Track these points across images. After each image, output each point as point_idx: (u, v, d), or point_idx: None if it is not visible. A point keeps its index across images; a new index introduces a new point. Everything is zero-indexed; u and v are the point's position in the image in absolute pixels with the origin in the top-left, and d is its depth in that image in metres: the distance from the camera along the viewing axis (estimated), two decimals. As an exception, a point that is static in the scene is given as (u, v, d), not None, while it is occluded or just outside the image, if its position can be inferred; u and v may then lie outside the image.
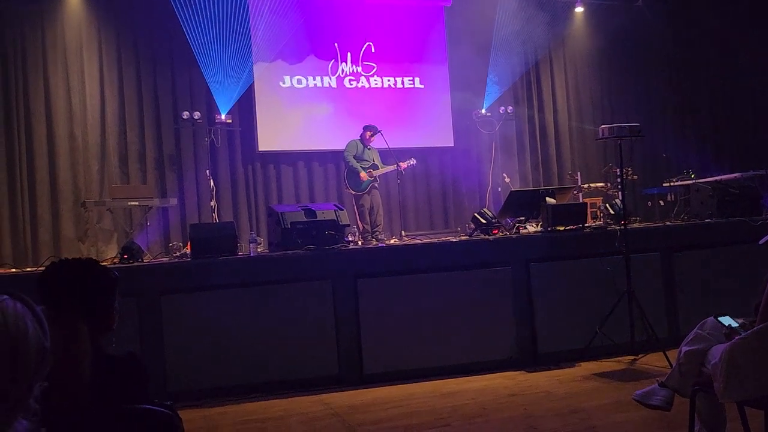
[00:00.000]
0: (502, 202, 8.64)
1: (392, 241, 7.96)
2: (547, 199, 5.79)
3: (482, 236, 5.70)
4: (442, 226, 9.57)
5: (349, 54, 9.35)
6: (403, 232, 8.10)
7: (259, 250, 5.62)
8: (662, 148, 9.86)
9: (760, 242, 3.21)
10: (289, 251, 5.19)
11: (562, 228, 5.63)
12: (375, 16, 9.34)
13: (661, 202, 9.70)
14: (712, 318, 3.17)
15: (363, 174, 7.81)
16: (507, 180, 9.20)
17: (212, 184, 8.16)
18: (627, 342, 5.26)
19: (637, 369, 5.03)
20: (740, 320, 3.09)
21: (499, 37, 9.36)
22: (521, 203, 5.97)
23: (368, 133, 7.96)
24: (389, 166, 8.05)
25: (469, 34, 9.42)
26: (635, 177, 9.13)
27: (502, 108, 9.65)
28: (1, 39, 7.84)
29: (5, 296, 1.07)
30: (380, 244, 5.98)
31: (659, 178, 9.53)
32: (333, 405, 4.53)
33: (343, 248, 5.36)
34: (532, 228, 5.79)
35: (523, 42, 9.62)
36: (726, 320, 3.09)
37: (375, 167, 7.97)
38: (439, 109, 9.66)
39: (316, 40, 9.12)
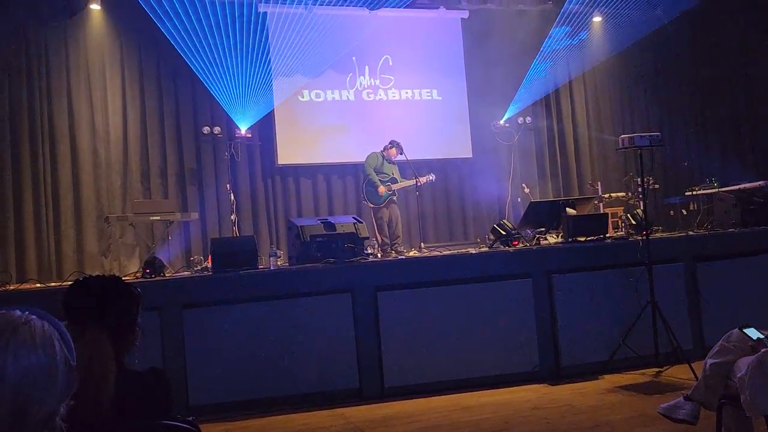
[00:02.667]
0: (522, 213, 8.64)
1: (412, 253, 7.96)
2: (568, 209, 5.76)
3: (502, 248, 5.67)
4: (462, 237, 9.54)
5: (366, 67, 9.41)
6: (422, 244, 8.09)
7: (279, 263, 5.65)
8: (684, 157, 9.76)
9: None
10: (308, 264, 5.21)
11: (583, 239, 5.58)
12: (392, 29, 9.39)
13: (684, 211, 9.58)
14: (737, 330, 3.11)
15: (381, 188, 7.82)
16: (526, 190, 9.16)
17: (232, 197, 8.24)
18: (651, 354, 5.19)
19: (662, 381, 4.95)
20: (766, 332, 3.04)
21: (516, 49, 9.34)
22: (541, 214, 5.94)
23: (393, 150, 7.98)
24: (408, 181, 8.05)
25: (486, 46, 9.43)
26: (656, 186, 9.04)
27: (521, 119, 9.64)
28: (25, 55, 8.01)
29: (33, 316, 1.09)
30: (399, 257, 5.98)
31: (681, 186, 9.42)
32: (353, 419, 4.51)
33: (363, 261, 5.37)
34: (552, 239, 5.76)
35: (541, 53, 9.60)
36: (752, 332, 3.04)
37: (394, 181, 7.98)
38: (457, 121, 9.67)
39: (334, 54, 9.17)
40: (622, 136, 5.33)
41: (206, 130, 8.42)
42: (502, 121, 9.64)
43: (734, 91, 10.35)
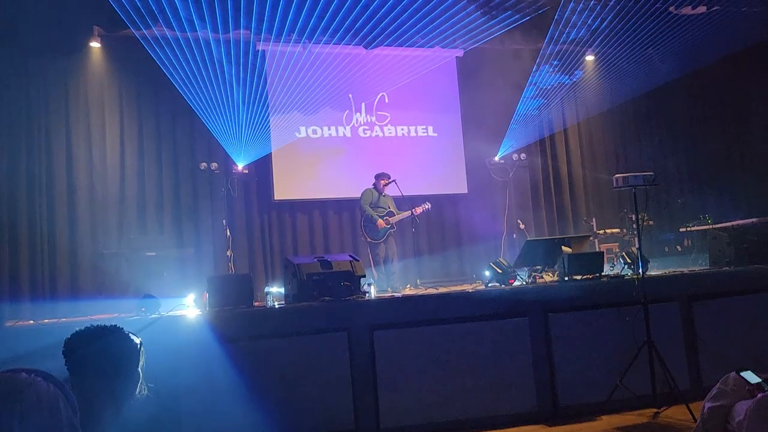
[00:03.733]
0: (518, 249, 8.66)
1: (408, 289, 7.96)
2: (563, 248, 5.78)
3: (499, 286, 5.68)
4: (458, 273, 9.55)
5: (363, 104, 9.53)
6: (418, 280, 8.09)
7: (275, 301, 5.63)
8: (677, 193, 9.85)
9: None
10: (305, 303, 5.19)
11: (579, 277, 5.60)
12: (388, 67, 9.53)
13: (678, 248, 9.64)
14: (734, 373, 3.12)
15: (380, 221, 7.86)
16: (522, 226, 9.21)
17: (228, 233, 8.24)
18: (649, 394, 5.16)
19: (660, 423, 4.91)
20: (763, 375, 3.05)
21: (510, 87, 9.49)
22: (537, 252, 5.95)
23: (382, 181, 8.05)
24: (404, 213, 8.10)
25: (481, 84, 9.58)
26: (651, 222, 9.10)
27: (516, 155, 9.74)
28: (26, 92, 8.09)
29: (38, 378, 1.10)
30: (396, 295, 5.97)
31: (675, 222, 9.50)
32: (350, 461, 4.45)
33: (359, 299, 5.36)
34: (548, 277, 5.77)
35: (534, 91, 9.75)
36: (749, 376, 3.05)
37: (391, 214, 8.02)
38: (452, 157, 9.76)
39: (331, 92, 9.29)
40: (616, 175, 5.38)
41: (203, 166, 8.47)
42: (497, 158, 9.73)
43: (726, 130, 10.50)
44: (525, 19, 8.27)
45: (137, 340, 1.97)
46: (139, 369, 1.95)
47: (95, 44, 8.38)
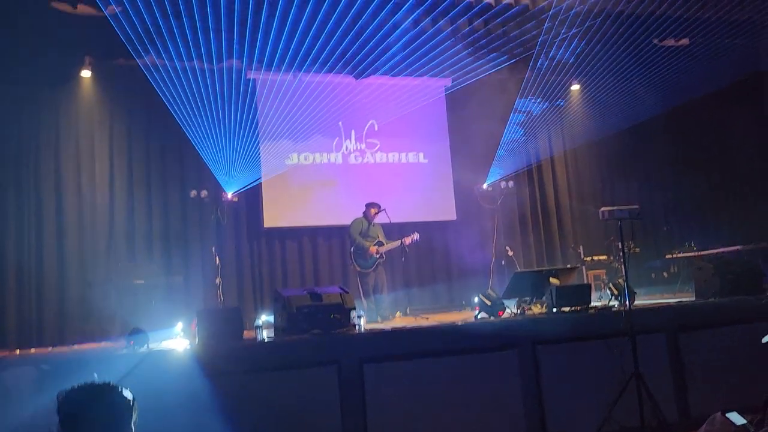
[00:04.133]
0: (506, 275, 8.71)
1: (397, 317, 7.98)
2: (551, 279, 5.83)
3: (488, 317, 5.71)
4: (447, 299, 9.58)
5: (353, 132, 9.61)
6: (408, 308, 8.10)
7: (264, 333, 5.62)
8: (663, 221, 9.97)
9: (764, 340, 3.24)
10: (294, 336, 5.20)
11: (567, 309, 5.64)
12: (377, 95, 9.63)
13: (665, 274, 9.75)
14: (720, 414, 3.16)
15: (372, 248, 7.88)
16: (510, 253, 9.28)
17: (217, 260, 8.22)
18: (637, 426, 5.17)
19: (649, 456, 4.93)
20: (748, 417, 3.09)
21: (498, 115, 9.61)
22: (525, 284, 6.00)
23: (372, 210, 8.08)
24: (394, 242, 8.12)
25: (469, 112, 9.70)
26: (638, 250, 9.20)
27: (503, 183, 9.83)
28: (17, 120, 8.08)
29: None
30: (385, 328, 5.99)
31: (661, 249, 9.61)
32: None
33: (349, 332, 5.37)
34: (537, 309, 5.81)
35: (521, 120, 9.88)
36: (734, 417, 3.10)
37: (380, 244, 8.04)
38: (441, 184, 9.84)
39: (321, 119, 9.36)
40: (602, 208, 5.45)
41: (193, 193, 8.49)
42: (485, 185, 9.82)
43: (710, 162, 10.65)
44: (511, 62, 8.42)
45: (130, 396, 1.98)
46: (132, 425, 1.96)
47: (86, 73, 8.41)
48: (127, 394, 1.99)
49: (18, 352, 6.48)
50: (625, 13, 7.99)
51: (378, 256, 7.93)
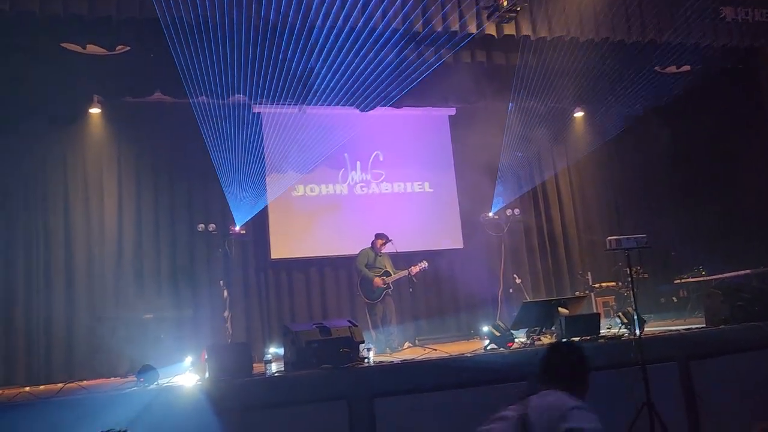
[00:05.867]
0: (515, 303, 8.68)
1: (406, 347, 7.94)
2: (560, 309, 5.82)
3: (497, 349, 5.70)
4: (455, 328, 9.55)
5: (358, 163, 9.68)
6: (417, 339, 8.07)
7: (273, 367, 5.62)
8: (671, 245, 9.94)
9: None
10: (303, 371, 5.19)
11: (576, 339, 5.62)
12: (382, 126, 9.72)
13: (674, 299, 9.70)
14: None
15: (377, 280, 7.87)
16: (518, 281, 9.27)
17: (226, 294, 8.24)
18: (651, 458, 5.12)
19: (663, 487, 4.87)
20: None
21: (503, 145, 9.67)
22: (534, 314, 5.99)
23: (380, 241, 8.09)
24: (402, 272, 8.11)
25: (474, 141, 9.74)
26: (646, 276, 9.19)
27: (509, 211, 9.86)
28: (25, 157, 8.18)
29: None
30: (395, 360, 5.97)
31: (670, 274, 9.56)
32: None
33: (359, 366, 5.36)
34: (547, 339, 5.79)
35: (526, 149, 9.93)
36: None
37: (387, 274, 8.03)
38: (447, 213, 9.88)
39: (327, 151, 9.43)
40: (609, 238, 5.46)
41: (201, 227, 8.53)
42: (491, 213, 9.84)
43: (716, 177, 10.61)
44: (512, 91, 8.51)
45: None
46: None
47: (95, 110, 8.54)
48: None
49: (27, 389, 6.48)
50: (628, 41, 8.06)
51: (385, 286, 7.92)
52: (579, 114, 10.42)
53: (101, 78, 7.63)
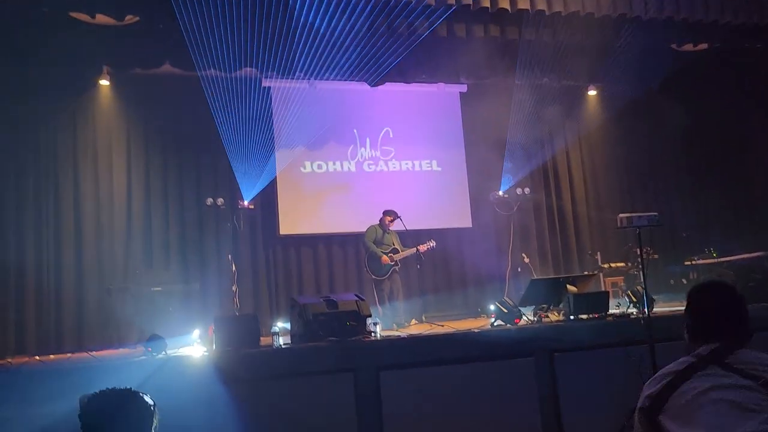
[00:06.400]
0: (523, 282, 8.64)
1: (413, 324, 7.95)
2: (568, 287, 5.79)
3: (504, 325, 5.68)
4: (463, 306, 9.52)
5: (368, 139, 9.62)
6: (423, 315, 8.07)
7: (281, 340, 5.63)
8: (683, 226, 9.85)
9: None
10: (310, 343, 5.20)
11: (585, 316, 5.60)
12: (392, 102, 9.65)
13: (684, 281, 9.62)
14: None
15: (384, 258, 7.87)
16: (526, 260, 9.22)
17: (234, 268, 8.26)
18: (657, 436, 5.11)
19: (669, 465, 4.85)
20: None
21: (514, 123, 9.57)
22: (542, 292, 5.96)
23: (388, 218, 8.07)
24: (409, 249, 8.10)
25: (484, 119, 9.65)
26: (656, 256, 9.12)
27: (519, 189, 9.78)
28: (34, 131, 8.19)
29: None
30: (401, 334, 5.97)
31: (681, 255, 9.48)
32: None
33: (365, 339, 5.36)
34: (554, 317, 5.77)
35: (537, 127, 9.83)
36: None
37: (395, 251, 8.02)
38: (456, 191, 9.81)
39: (336, 127, 9.38)
40: (620, 215, 5.39)
41: (209, 201, 8.52)
42: (500, 192, 9.78)
43: (728, 158, 10.51)
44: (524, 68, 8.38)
45: (151, 402, 2.00)
46: (153, 430, 1.97)
47: (105, 82, 8.51)
48: (149, 399, 2.00)
49: (38, 358, 6.54)
50: (645, 17, 7.90)
51: (393, 263, 7.91)
52: (592, 92, 10.29)
53: (111, 48, 7.60)
